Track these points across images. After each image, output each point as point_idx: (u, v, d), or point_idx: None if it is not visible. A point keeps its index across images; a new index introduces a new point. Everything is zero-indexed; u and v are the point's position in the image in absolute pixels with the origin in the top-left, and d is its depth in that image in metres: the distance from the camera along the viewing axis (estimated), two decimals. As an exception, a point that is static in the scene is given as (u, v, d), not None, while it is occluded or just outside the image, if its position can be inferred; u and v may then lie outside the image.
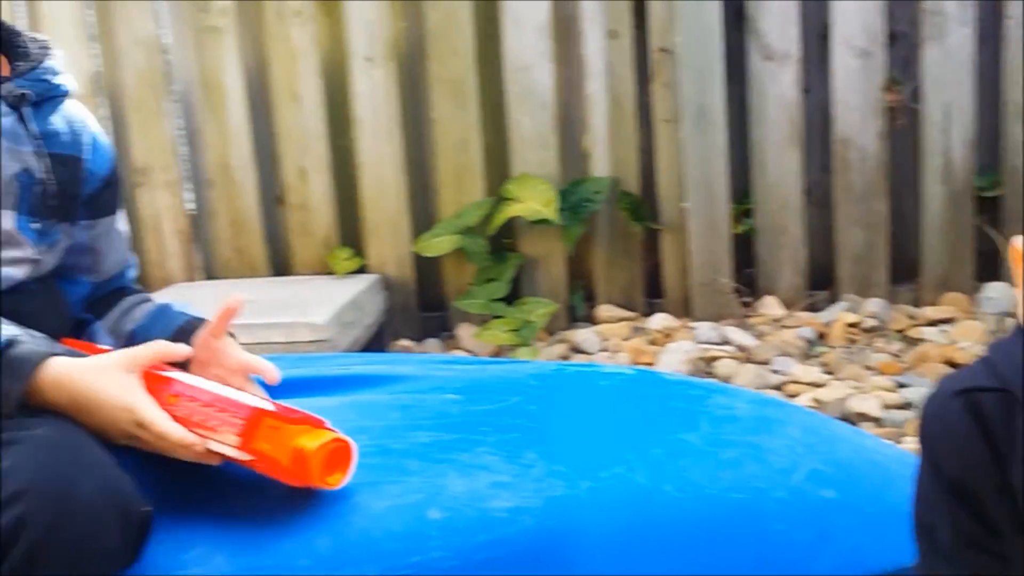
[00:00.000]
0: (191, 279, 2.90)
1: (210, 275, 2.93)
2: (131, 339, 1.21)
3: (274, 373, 1.15)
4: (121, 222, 1.31)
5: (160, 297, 2.59)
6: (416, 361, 1.42)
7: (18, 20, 2.84)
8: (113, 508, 0.93)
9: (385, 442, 1.18)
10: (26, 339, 1.01)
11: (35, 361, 0.99)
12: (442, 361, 1.42)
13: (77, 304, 1.26)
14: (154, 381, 1.03)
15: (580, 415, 1.28)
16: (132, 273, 1.35)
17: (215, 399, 1.02)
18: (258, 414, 1.01)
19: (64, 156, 1.17)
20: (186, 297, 2.65)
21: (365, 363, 1.41)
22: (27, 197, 1.12)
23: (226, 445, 1.00)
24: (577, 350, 2.55)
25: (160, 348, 1.06)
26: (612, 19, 2.62)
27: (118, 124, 2.85)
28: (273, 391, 1.32)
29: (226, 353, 1.15)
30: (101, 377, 1.00)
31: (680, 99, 2.59)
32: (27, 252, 1.13)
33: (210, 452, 1.00)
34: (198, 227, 2.91)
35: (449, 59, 2.65)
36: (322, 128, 2.75)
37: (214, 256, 2.90)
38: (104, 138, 1.27)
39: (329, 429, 1.05)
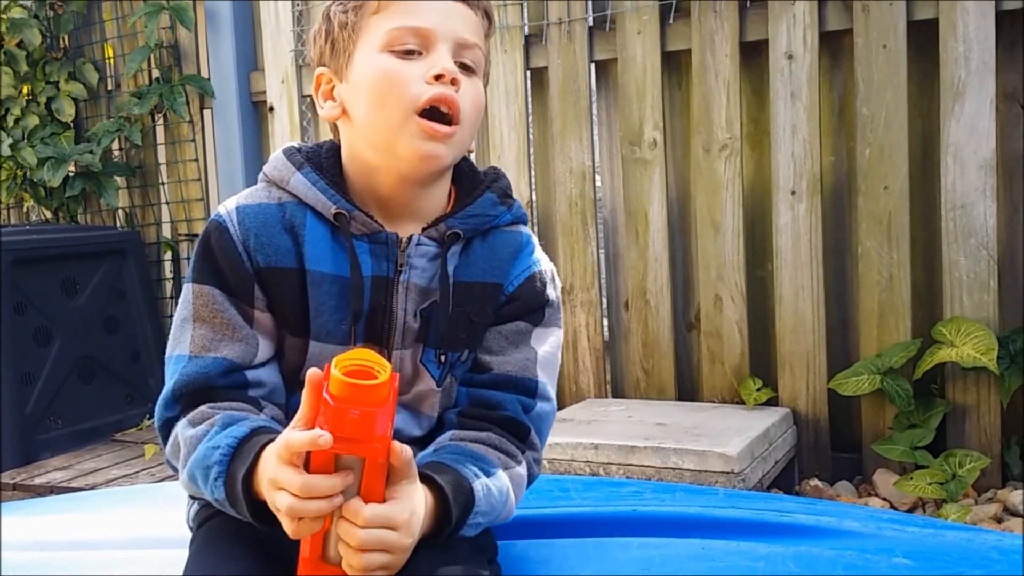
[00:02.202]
0: (601, 396, 3.02)
1: (618, 394, 3.03)
2: None
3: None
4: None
5: (571, 411, 2.75)
6: (862, 516, 1.36)
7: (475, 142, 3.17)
8: None
9: (831, 602, 1.14)
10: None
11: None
12: (891, 520, 1.35)
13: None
14: None
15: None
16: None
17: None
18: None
19: (483, 284, 1.14)
20: (595, 412, 2.78)
21: (805, 511, 1.37)
22: (433, 332, 1.12)
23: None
24: (1012, 513, 2.31)
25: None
26: (1066, 156, 2.44)
27: (545, 246, 3.07)
28: (712, 531, 1.33)
29: None
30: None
31: None
32: (428, 384, 1.14)
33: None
34: (611, 347, 3.03)
35: (879, 194, 2.58)
36: (740, 258, 2.78)
37: (624, 376, 3.01)
38: (537, 262, 1.19)
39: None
